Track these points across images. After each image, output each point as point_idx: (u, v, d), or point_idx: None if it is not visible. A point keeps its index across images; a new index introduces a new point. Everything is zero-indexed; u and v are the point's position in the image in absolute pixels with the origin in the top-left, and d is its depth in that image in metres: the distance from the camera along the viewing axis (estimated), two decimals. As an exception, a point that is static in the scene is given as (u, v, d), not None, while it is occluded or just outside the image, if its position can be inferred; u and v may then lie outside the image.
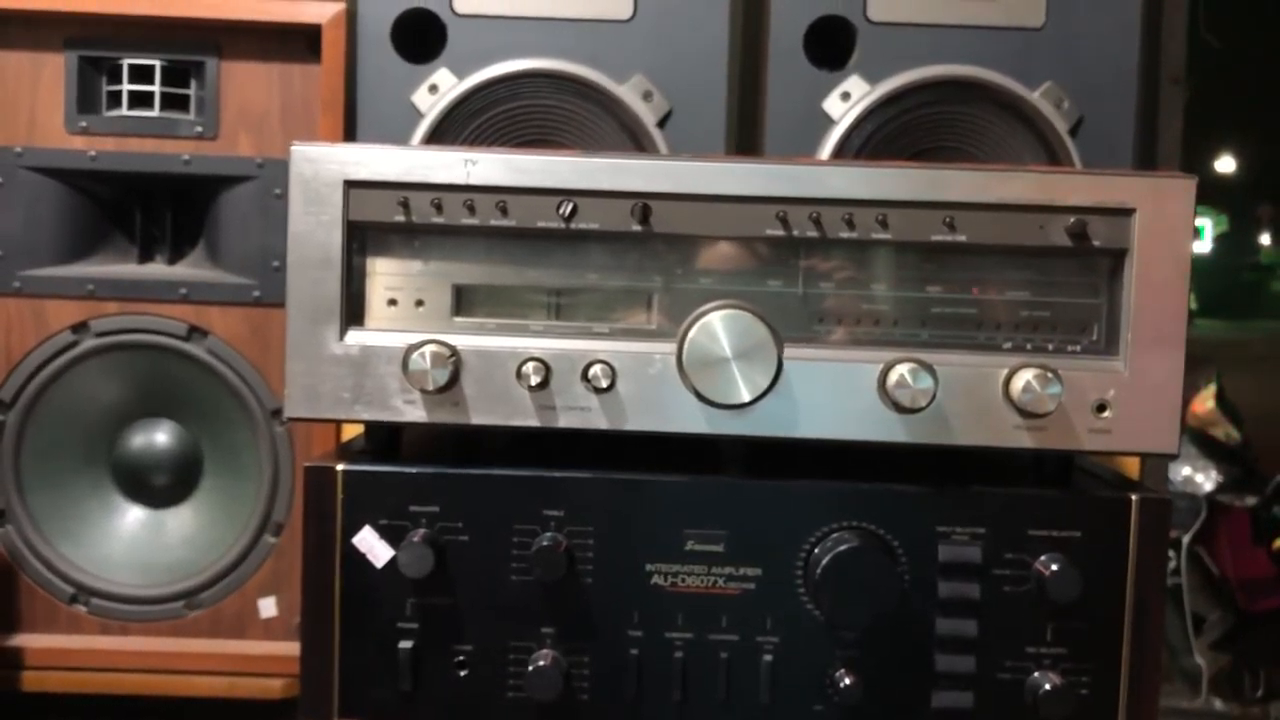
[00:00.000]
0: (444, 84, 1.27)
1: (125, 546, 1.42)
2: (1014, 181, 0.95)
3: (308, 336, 0.95)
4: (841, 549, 0.94)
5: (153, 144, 1.37)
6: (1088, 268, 0.97)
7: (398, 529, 0.96)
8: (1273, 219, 13.63)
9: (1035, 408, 0.93)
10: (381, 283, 0.98)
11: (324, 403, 0.96)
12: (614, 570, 0.97)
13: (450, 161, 0.95)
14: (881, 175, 0.95)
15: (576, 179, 0.95)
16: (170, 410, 1.42)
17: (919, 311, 0.98)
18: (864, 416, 0.96)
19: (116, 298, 1.39)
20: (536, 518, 0.96)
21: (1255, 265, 14.14)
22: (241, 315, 1.39)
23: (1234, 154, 11.30)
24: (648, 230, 0.96)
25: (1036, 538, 0.96)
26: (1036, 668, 0.96)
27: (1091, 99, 1.27)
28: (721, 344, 0.93)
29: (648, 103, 1.27)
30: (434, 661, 0.97)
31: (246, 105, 1.38)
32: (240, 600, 1.40)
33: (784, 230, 0.95)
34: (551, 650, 0.96)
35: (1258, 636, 3.75)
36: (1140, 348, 0.95)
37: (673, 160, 0.96)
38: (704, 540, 0.97)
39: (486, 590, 0.97)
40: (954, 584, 0.96)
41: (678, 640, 0.97)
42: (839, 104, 1.27)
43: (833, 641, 0.97)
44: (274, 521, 1.40)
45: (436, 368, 0.94)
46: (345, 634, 0.97)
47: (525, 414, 0.96)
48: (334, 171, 0.95)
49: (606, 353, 0.96)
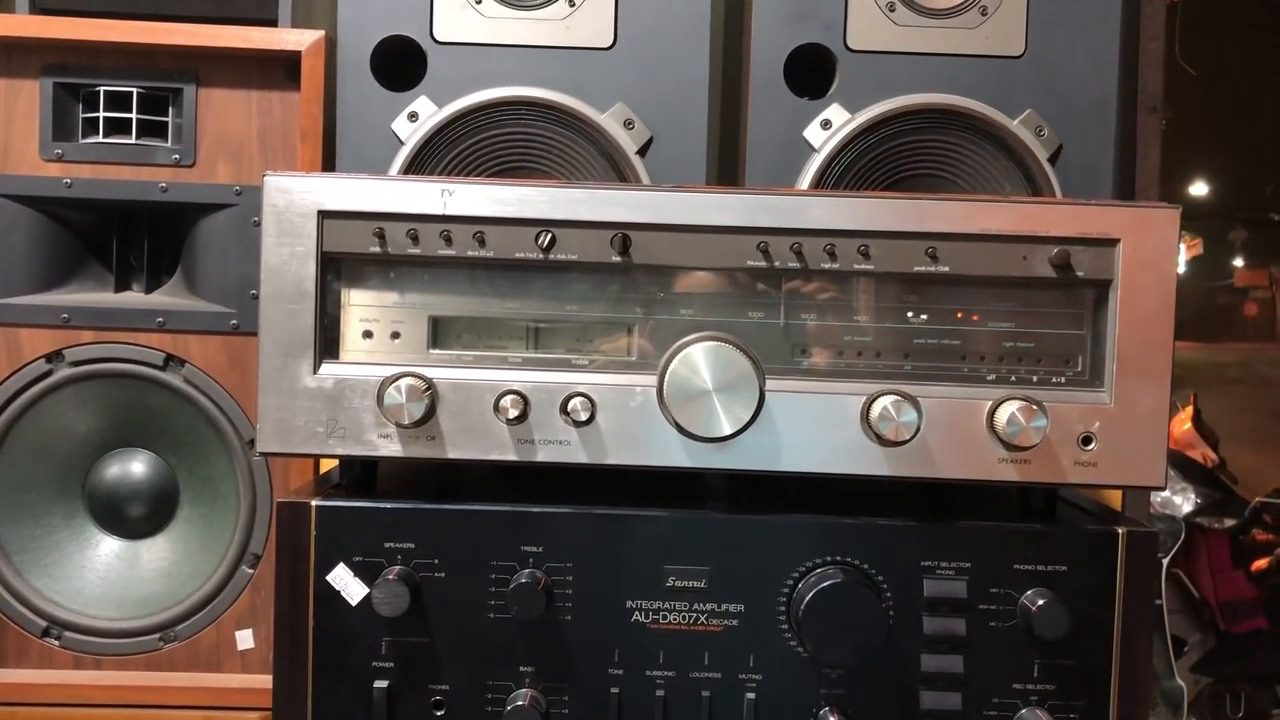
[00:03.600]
0: (424, 112, 1.26)
1: (99, 579, 1.40)
2: (997, 212, 0.94)
3: (281, 369, 0.94)
4: (825, 584, 0.92)
5: (129, 172, 1.36)
6: (1072, 299, 0.96)
7: (373, 566, 0.94)
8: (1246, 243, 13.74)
9: (1020, 441, 0.92)
10: (356, 314, 0.96)
11: (297, 437, 0.94)
12: (594, 607, 0.95)
13: (426, 192, 0.94)
14: (863, 205, 0.94)
15: (555, 209, 0.94)
16: (146, 440, 1.40)
17: (902, 343, 0.97)
18: (847, 449, 0.95)
19: (92, 326, 1.37)
20: (515, 554, 0.95)
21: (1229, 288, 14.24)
22: (219, 344, 1.37)
23: (1207, 178, 11.40)
24: (628, 261, 0.95)
25: (1022, 572, 0.95)
26: (1024, 704, 0.95)
27: (1071, 127, 1.27)
28: (703, 376, 0.92)
29: (629, 131, 1.26)
30: (410, 702, 0.95)
31: (225, 133, 1.37)
32: (217, 633, 1.38)
33: (765, 261, 0.95)
34: (530, 689, 0.95)
35: (1238, 658, 3.76)
36: (1125, 379, 0.94)
37: (653, 191, 0.95)
38: (686, 576, 0.96)
39: (463, 628, 0.95)
40: (939, 619, 0.95)
41: (659, 678, 0.95)
42: (820, 132, 1.27)
43: (817, 679, 0.95)
44: (251, 553, 1.38)
45: (412, 401, 0.92)
46: (318, 674, 0.95)
47: (503, 448, 0.94)
48: (308, 202, 0.94)
49: (586, 385, 0.94)
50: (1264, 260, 15.15)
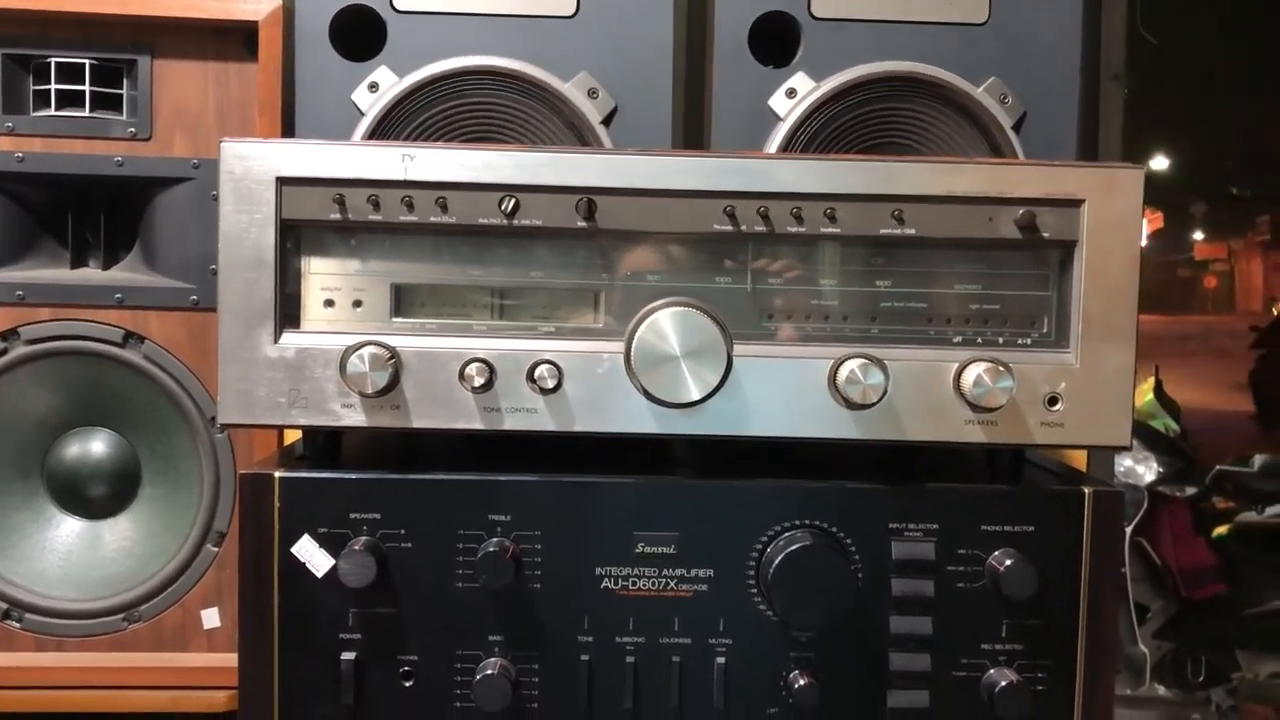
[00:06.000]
0: (384, 82, 1.25)
1: (60, 560, 1.38)
2: (963, 174, 0.94)
3: (241, 340, 0.93)
4: (794, 548, 0.93)
5: (83, 145, 1.34)
6: (1037, 260, 0.97)
7: (338, 537, 0.94)
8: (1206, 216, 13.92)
9: (987, 402, 0.93)
10: (317, 283, 0.95)
11: (259, 408, 0.93)
12: (563, 575, 0.95)
13: (387, 157, 0.93)
14: (830, 168, 0.94)
15: (519, 174, 0.93)
16: (106, 419, 1.38)
17: (869, 307, 0.97)
18: (815, 413, 0.94)
19: (48, 304, 1.34)
20: (482, 523, 0.94)
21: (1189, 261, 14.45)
22: (179, 320, 1.35)
23: (1167, 152, 11.52)
24: (593, 226, 0.94)
25: (990, 533, 0.96)
26: (992, 664, 0.96)
27: (1035, 95, 1.27)
28: (670, 342, 0.92)
29: (593, 100, 1.25)
30: (378, 673, 0.95)
31: (181, 105, 1.34)
32: (182, 612, 1.37)
33: (732, 225, 0.94)
34: (499, 658, 0.94)
35: (1199, 624, 3.82)
36: (1091, 340, 0.94)
37: (618, 154, 0.94)
38: (655, 542, 0.95)
39: (431, 598, 0.94)
40: (908, 581, 0.96)
41: (629, 644, 0.95)
42: (784, 101, 1.26)
43: (786, 643, 0.96)
44: (215, 531, 1.36)
45: (376, 370, 0.91)
46: (284, 647, 0.94)
47: (469, 417, 0.94)
48: (266, 168, 0.92)
49: (552, 353, 0.94)
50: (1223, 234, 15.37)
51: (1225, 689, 3.82)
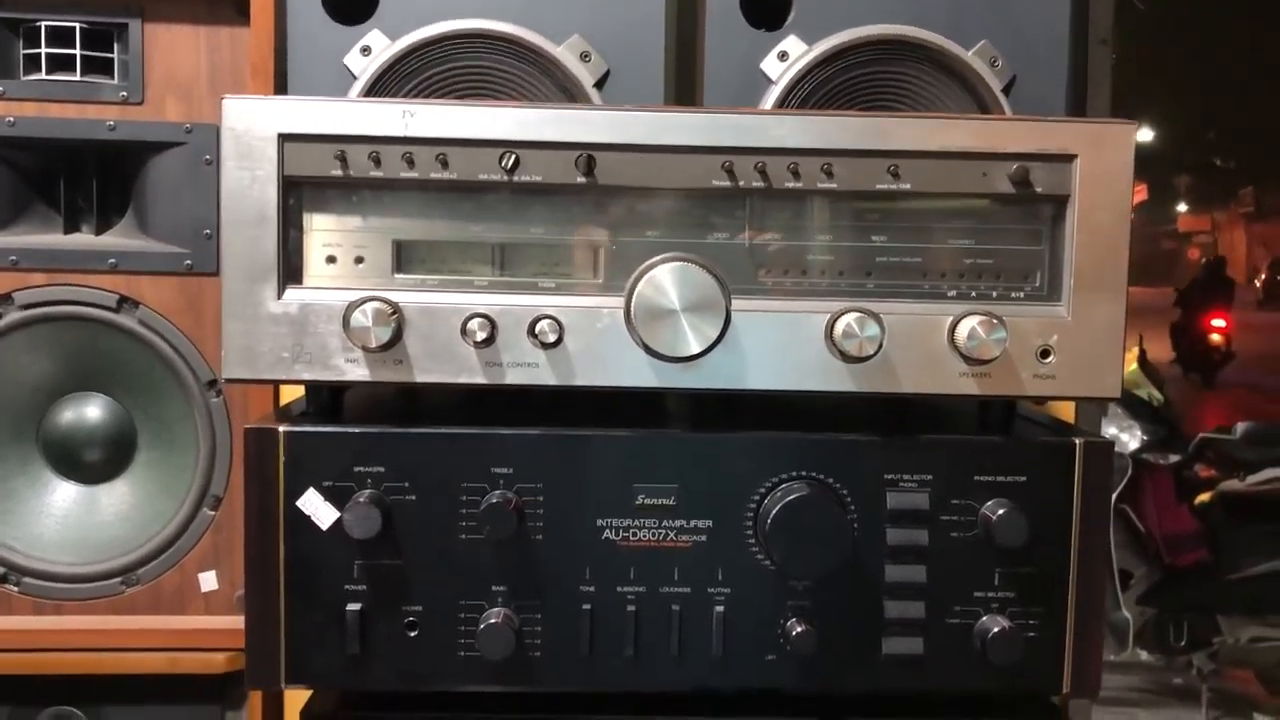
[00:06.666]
0: (376, 46, 1.24)
1: (58, 524, 1.39)
2: (957, 129, 0.95)
3: (244, 296, 0.93)
4: (792, 498, 0.94)
5: (75, 109, 1.33)
6: (1030, 215, 0.98)
7: (342, 490, 0.94)
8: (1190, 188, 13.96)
9: (980, 354, 0.94)
10: (319, 239, 0.96)
11: (263, 362, 0.94)
12: (565, 526, 0.96)
13: (388, 113, 0.93)
14: (827, 124, 0.95)
15: (518, 130, 0.94)
16: (101, 384, 1.39)
17: (864, 262, 0.98)
18: (812, 367, 0.96)
19: (42, 269, 1.35)
20: (485, 476, 0.95)
21: (1173, 233, 14.52)
22: (173, 285, 1.36)
23: (1152, 124, 11.55)
24: (592, 182, 0.95)
25: (982, 483, 0.97)
26: (985, 612, 0.98)
27: (1024, 59, 1.27)
28: (669, 297, 0.93)
29: (585, 64, 1.25)
30: (383, 623, 0.96)
31: (173, 69, 1.34)
32: (179, 575, 1.38)
33: (730, 181, 0.95)
34: (503, 608, 0.95)
35: (1181, 589, 3.86)
36: (1082, 293, 0.96)
37: (617, 111, 0.95)
38: (654, 494, 0.97)
39: (435, 550, 0.95)
40: (902, 531, 0.97)
41: (630, 594, 0.96)
42: (776, 64, 1.26)
43: (784, 591, 0.97)
44: (212, 494, 1.37)
45: (379, 325, 0.92)
46: (291, 599, 0.95)
47: (471, 371, 0.94)
48: (268, 125, 0.92)
49: (553, 307, 0.94)
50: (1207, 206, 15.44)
51: (1207, 653, 3.88)
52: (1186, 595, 3.84)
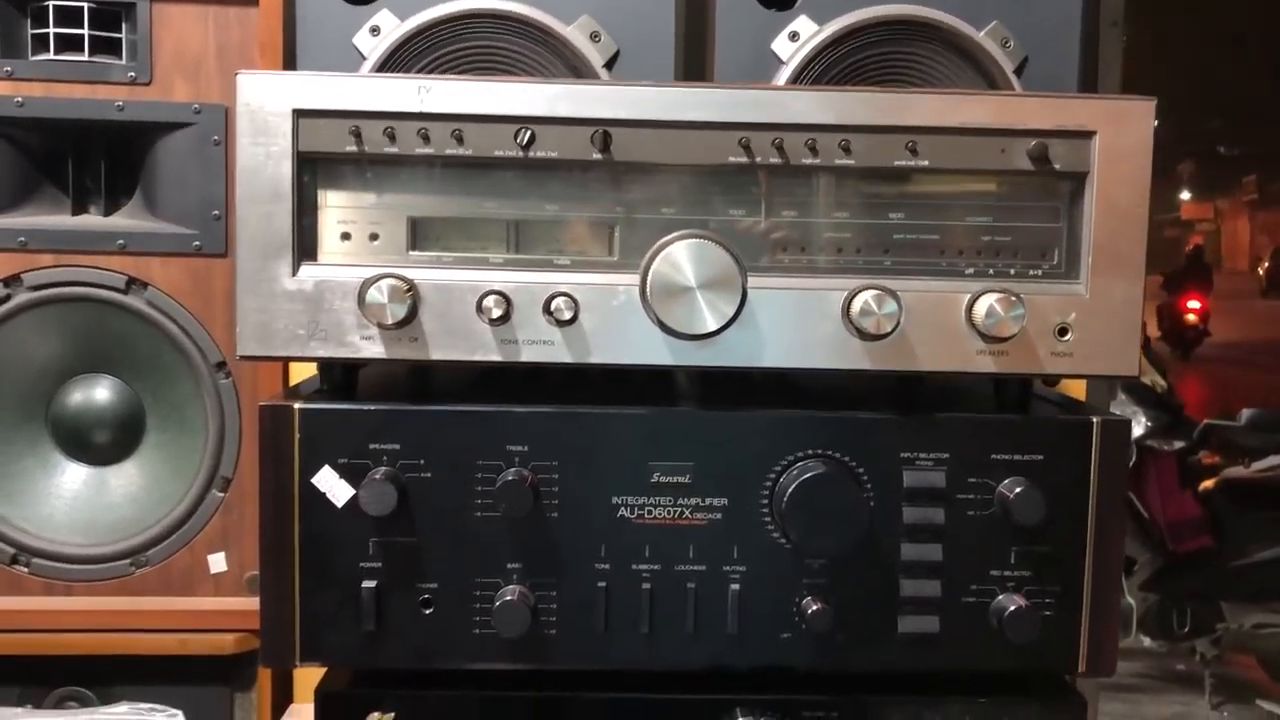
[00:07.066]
0: (386, 25, 1.24)
1: (67, 505, 1.39)
2: (976, 105, 0.95)
3: (259, 272, 0.93)
4: (808, 476, 0.94)
5: (84, 90, 1.33)
6: (1049, 192, 0.97)
7: (357, 468, 0.94)
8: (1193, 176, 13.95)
9: (998, 332, 0.94)
10: (334, 216, 0.95)
11: (278, 340, 0.93)
12: (580, 504, 0.96)
13: (403, 89, 0.93)
14: (844, 99, 0.94)
15: (534, 106, 0.93)
16: (110, 365, 1.38)
17: (882, 239, 0.98)
18: (828, 344, 0.95)
19: (51, 250, 1.34)
20: (500, 454, 0.95)
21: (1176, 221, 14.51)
22: (182, 266, 1.35)
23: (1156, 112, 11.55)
24: (608, 158, 0.94)
25: (999, 462, 0.97)
26: (1001, 590, 0.97)
27: (1036, 40, 1.27)
28: (685, 274, 0.92)
29: (595, 43, 1.25)
30: (398, 601, 0.95)
31: (181, 49, 1.33)
32: (189, 556, 1.37)
33: (747, 157, 0.94)
34: (518, 585, 0.95)
35: (1184, 576, 3.87)
36: (1100, 271, 0.95)
37: (634, 86, 0.94)
38: (670, 472, 0.96)
39: (450, 527, 0.95)
40: (919, 509, 0.97)
41: (645, 572, 0.96)
42: (787, 44, 1.26)
43: (799, 569, 0.97)
44: (221, 476, 1.37)
45: (394, 302, 0.91)
46: (305, 576, 0.95)
47: (487, 348, 0.94)
48: (282, 100, 0.92)
49: (568, 285, 0.94)
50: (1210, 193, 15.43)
51: (1209, 639, 3.88)
52: (1190, 581, 3.85)
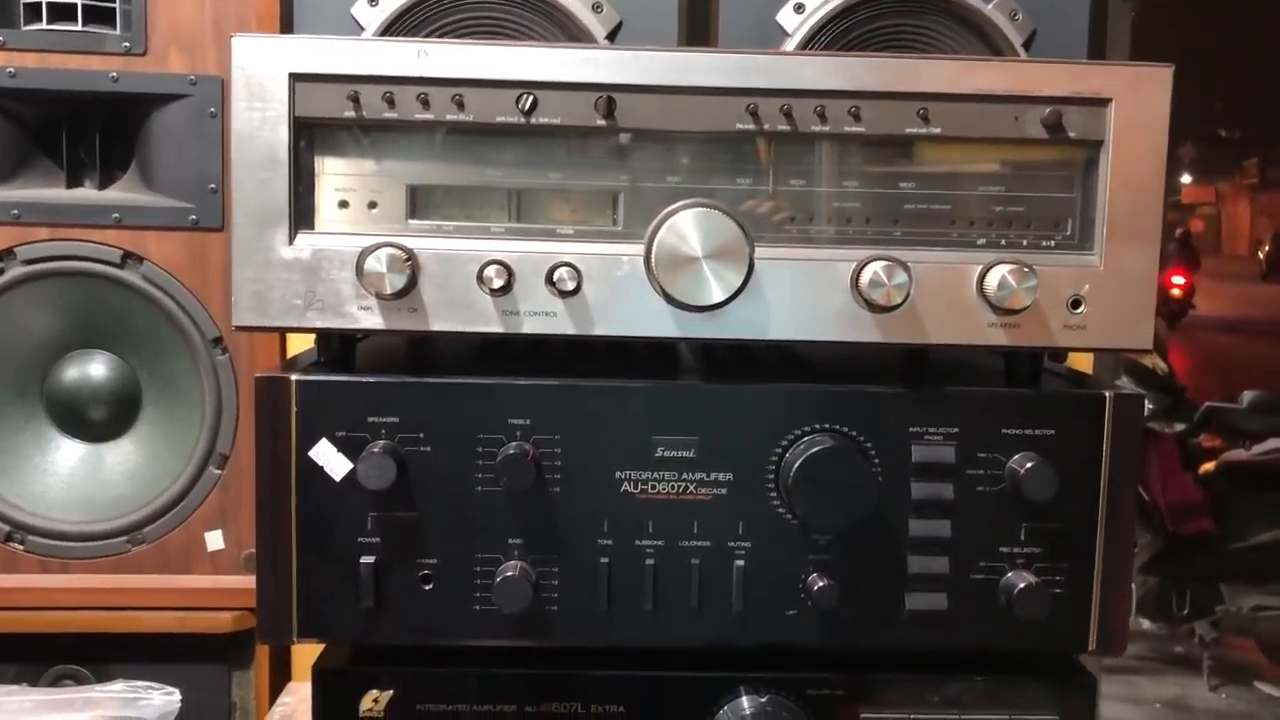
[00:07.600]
0: (384, -5, 1.22)
1: (63, 482, 1.38)
2: (989, 71, 0.93)
3: (255, 241, 0.91)
4: (815, 450, 0.92)
5: (77, 61, 1.31)
6: (1062, 161, 0.95)
7: (356, 441, 0.92)
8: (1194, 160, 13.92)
9: (1011, 304, 0.92)
10: (332, 183, 0.93)
11: (274, 310, 0.91)
12: (583, 478, 0.94)
13: (402, 52, 0.90)
14: (855, 65, 0.92)
15: (537, 70, 0.91)
16: (105, 341, 1.37)
17: (892, 208, 0.95)
18: (837, 316, 0.93)
19: (45, 223, 1.33)
20: (502, 427, 0.93)
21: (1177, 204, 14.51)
22: (178, 240, 1.33)
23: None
24: (612, 125, 0.92)
25: (1010, 436, 0.95)
26: (1010, 567, 0.96)
27: (1044, 13, 1.24)
28: (691, 243, 0.90)
29: (597, 14, 1.23)
30: (397, 576, 0.94)
31: (177, 20, 1.32)
32: (186, 534, 1.36)
33: (754, 124, 0.92)
34: (520, 561, 0.93)
35: (1184, 558, 3.87)
36: (1115, 242, 0.93)
37: (639, 50, 0.92)
38: (674, 446, 0.94)
39: (451, 501, 0.93)
40: (927, 484, 0.95)
41: (649, 548, 0.95)
42: (793, 16, 1.24)
43: (805, 545, 0.95)
44: (218, 453, 1.36)
45: (393, 271, 0.89)
46: (303, 551, 0.93)
47: (488, 319, 0.92)
48: (278, 64, 0.90)
49: (572, 255, 0.92)
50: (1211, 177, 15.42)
51: (1209, 622, 3.89)
52: (1190, 564, 3.85)
